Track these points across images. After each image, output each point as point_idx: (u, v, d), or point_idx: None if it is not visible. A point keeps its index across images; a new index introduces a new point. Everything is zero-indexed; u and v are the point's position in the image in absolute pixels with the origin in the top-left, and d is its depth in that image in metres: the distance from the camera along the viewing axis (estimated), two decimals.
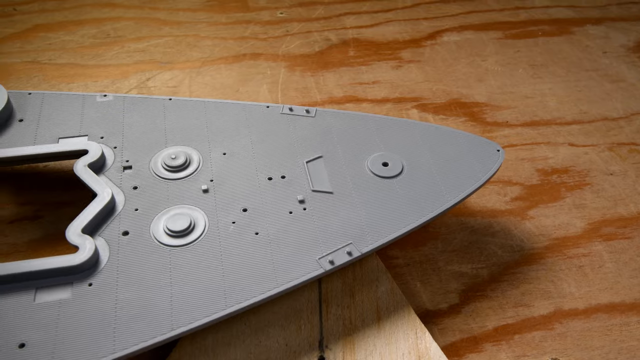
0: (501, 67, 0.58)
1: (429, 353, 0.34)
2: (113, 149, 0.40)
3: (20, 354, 0.29)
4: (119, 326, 0.31)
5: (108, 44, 0.58)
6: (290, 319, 0.35)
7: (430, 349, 0.34)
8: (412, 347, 0.34)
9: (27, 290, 0.32)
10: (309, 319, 0.36)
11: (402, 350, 0.34)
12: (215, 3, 0.65)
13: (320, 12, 0.64)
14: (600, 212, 0.44)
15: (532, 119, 0.52)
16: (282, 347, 0.34)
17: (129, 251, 0.34)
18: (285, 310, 0.36)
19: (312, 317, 0.36)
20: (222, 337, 0.34)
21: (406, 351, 0.34)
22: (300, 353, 0.34)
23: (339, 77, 0.55)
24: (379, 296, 0.37)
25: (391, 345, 0.35)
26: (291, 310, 0.36)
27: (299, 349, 0.34)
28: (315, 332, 0.35)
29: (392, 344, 0.35)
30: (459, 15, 0.65)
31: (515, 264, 0.40)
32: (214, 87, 0.54)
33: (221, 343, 0.34)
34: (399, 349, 0.34)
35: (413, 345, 0.35)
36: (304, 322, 0.35)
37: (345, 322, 0.36)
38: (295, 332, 0.35)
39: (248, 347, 0.34)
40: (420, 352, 0.34)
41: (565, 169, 0.47)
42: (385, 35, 0.61)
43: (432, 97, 0.54)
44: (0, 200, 0.43)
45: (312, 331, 0.35)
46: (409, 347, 0.34)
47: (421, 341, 0.35)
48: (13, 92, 0.44)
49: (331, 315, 0.36)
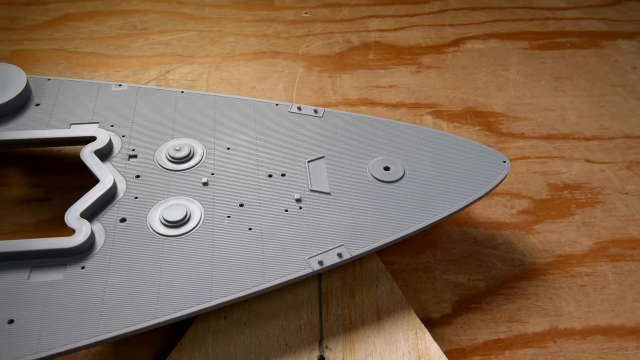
0: (523, 77, 0.57)
1: (429, 353, 0.34)
2: (121, 137, 0.41)
3: (8, 330, 0.30)
4: (105, 310, 0.32)
5: (133, 35, 0.60)
6: (290, 319, 0.35)
7: (430, 349, 0.34)
8: (412, 347, 0.34)
9: (22, 269, 0.33)
10: (309, 319, 0.36)
11: (402, 350, 0.34)
12: (241, 0, 0.66)
13: (345, 13, 0.64)
14: (609, 232, 0.43)
15: (549, 132, 0.51)
16: (282, 347, 0.34)
17: (123, 238, 0.35)
18: (285, 311, 0.36)
19: (312, 317, 0.36)
20: (222, 337, 0.34)
21: (406, 351, 0.34)
22: (300, 353, 0.34)
23: (356, 80, 0.55)
24: (379, 296, 0.37)
25: (391, 345, 0.34)
26: (291, 311, 0.36)
27: (299, 349, 0.34)
28: (315, 332, 0.35)
29: (392, 344, 0.35)
30: (486, 23, 0.64)
31: (514, 279, 0.40)
32: (231, 83, 0.54)
33: (221, 343, 0.34)
34: (399, 349, 0.34)
35: (413, 346, 0.34)
36: (304, 322, 0.36)
37: (345, 322, 0.36)
38: (295, 332, 0.35)
39: (248, 347, 0.34)
40: (420, 352, 0.34)
41: (578, 185, 0.46)
42: (408, 39, 0.61)
43: (448, 104, 0.53)
44: (13, 181, 0.44)
45: (312, 331, 0.35)
46: (409, 347, 0.34)
47: (421, 341, 0.35)
48: (33, 77, 0.46)
49: (331, 315, 0.36)
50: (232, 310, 0.35)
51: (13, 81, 0.44)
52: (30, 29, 0.60)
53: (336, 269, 0.38)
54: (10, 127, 0.41)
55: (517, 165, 0.47)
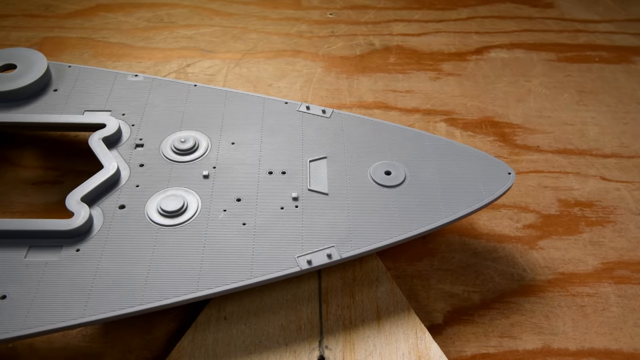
0: (545, 89, 0.55)
1: (429, 353, 0.34)
2: (131, 126, 0.42)
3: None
4: (93, 293, 0.32)
5: (159, 28, 0.61)
6: (290, 319, 0.36)
7: (431, 349, 0.34)
8: (412, 347, 0.34)
9: (20, 247, 0.34)
10: (309, 319, 0.36)
11: (402, 350, 0.34)
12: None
13: (370, 16, 0.64)
14: (617, 253, 0.41)
15: (565, 147, 0.49)
16: (282, 347, 0.34)
17: (120, 224, 0.36)
18: (285, 311, 0.36)
19: (312, 317, 0.36)
20: (222, 337, 0.34)
21: (406, 351, 0.34)
22: (300, 353, 0.34)
23: (373, 83, 0.55)
24: (379, 296, 0.37)
25: (391, 345, 0.34)
26: (291, 311, 0.36)
27: (299, 349, 0.34)
28: (315, 332, 0.35)
29: (392, 344, 0.34)
30: (513, 33, 0.62)
31: (511, 293, 0.39)
32: (248, 80, 0.55)
33: (221, 343, 0.34)
34: (399, 349, 0.34)
35: (413, 346, 0.34)
36: (304, 322, 0.36)
37: (345, 322, 0.36)
38: (295, 332, 0.35)
39: (248, 347, 0.34)
40: (420, 352, 0.34)
41: (590, 202, 0.45)
42: (431, 45, 0.60)
43: (464, 112, 0.52)
44: (28, 163, 0.46)
45: (312, 331, 0.35)
46: (409, 347, 0.34)
47: (421, 341, 0.34)
48: (54, 64, 0.47)
49: (331, 315, 0.36)
50: (232, 311, 0.35)
51: (34, 66, 0.45)
52: (62, 17, 0.62)
53: (336, 269, 0.38)
54: (27, 110, 0.43)
55: (528, 179, 0.46)
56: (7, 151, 0.46)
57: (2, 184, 0.44)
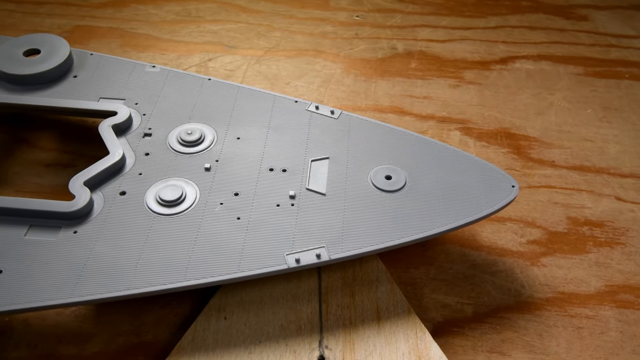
0: (569, 103, 0.54)
1: (429, 353, 0.34)
2: (142, 116, 0.43)
3: None
4: (83, 275, 0.33)
5: (186, 22, 0.62)
6: (290, 319, 0.36)
7: (431, 349, 0.34)
8: (412, 347, 0.34)
9: (22, 225, 0.35)
10: (309, 319, 0.36)
11: (402, 351, 0.34)
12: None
13: (397, 20, 0.64)
14: (624, 276, 0.40)
15: (582, 164, 0.48)
16: (282, 347, 0.34)
17: (118, 210, 0.37)
18: (285, 311, 0.36)
19: (312, 317, 0.36)
20: (222, 337, 0.34)
21: (406, 351, 0.34)
22: (300, 353, 0.34)
23: (391, 87, 0.55)
24: (379, 296, 0.37)
25: (391, 345, 0.34)
26: (291, 311, 0.36)
27: (299, 349, 0.34)
28: (315, 332, 0.35)
29: (392, 344, 0.34)
30: (542, 44, 0.61)
31: (505, 309, 0.38)
32: (267, 77, 0.55)
33: (221, 343, 0.34)
34: (399, 349, 0.34)
35: (413, 346, 0.34)
36: (304, 322, 0.36)
37: (345, 322, 0.36)
38: (295, 332, 0.35)
39: (248, 347, 0.34)
40: (420, 352, 0.34)
41: (601, 222, 0.43)
42: (455, 52, 0.59)
43: (480, 122, 0.51)
44: (45, 145, 0.47)
45: (312, 331, 0.35)
46: (409, 347, 0.34)
47: (421, 341, 0.34)
48: (77, 51, 0.48)
49: (331, 315, 0.36)
50: (232, 311, 0.36)
51: (57, 52, 0.47)
52: (95, 7, 0.63)
53: (336, 269, 0.38)
54: (46, 94, 0.44)
55: (538, 193, 0.45)
56: (26, 132, 0.48)
57: (18, 163, 0.45)
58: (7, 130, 0.48)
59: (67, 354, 0.35)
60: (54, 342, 0.35)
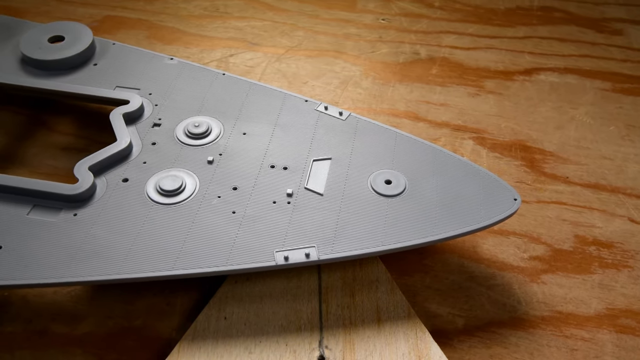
0: (591, 119, 0.52)
1: (429, 353, 0.34)
2: (154, 106, 0.44)
3: None
4: (77, 257, 0.34)
5: (213, 17, 0.63)
6: (290, 319, 0.36)
7: (431, 349, 0.34)
8: (412, 347, 0.34)
9: (26, 205, 0.37)
10: (309, 319, 0.36)
11: (402, 351, 0.34)
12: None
13: (423, 25, 0.63)
14: (627, 300, 0.38)
15: (597, 182, 0.46)
16: (282, 347, 0.34)
17: (119, 196, 0.38)
18: (285, 311, 0.36)
19: (312, 317, 0.36)
20: (222, 337, 0.35)
21: (406, 351, 0.34)
22: (300, 353, 0.34)
23: (409, 92, 0.54)
24: (379, 296, 0.37)
25: (391, 345, 0.34)
26: (291, 311, 0.36)
27: (299, 348, 0.34)
28: (315, 332, 0.35)
29: (392, 344, 0.34)
30: (570, 57, 0.59)
31: (498, 324, 0.37)
32: (285, 75, 0.55)
33: (221, 343, 0.34)
34: (399, 349, 0.34)
35: (413, 346, 0.34)
36: (304, 322, 0.36)
37: (345, 322, 0.36)
38: (295, 332, 0.35)
39: (248, 347, 0.34)
40: (420, 352, 0.34)
41: (610, 243, 0.42)
42: (478, 61, 0.58)
43: (496, 132, 0.50)
44: (63, 129, 0.49)
45: (312, 331, 0.35)
46: (409, 347, 0.34)
47: (421, 341, 0.34)
48: (101, 40, 0.50)
49: (331, 315, 0.36)
50: (232, 311, 0.36)
51: (81, 40, 0.48)
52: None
53: (336, 269, 0.38)
54: (65, 80, 0.46)
55: (547, 209, 0.44)
56: (47, 116, 0.50)
57: (36, 145, 0.47)
58: (30, 113, 0.50)
59: (59, 332, 0.36)
60: (48, 320, 0.36)
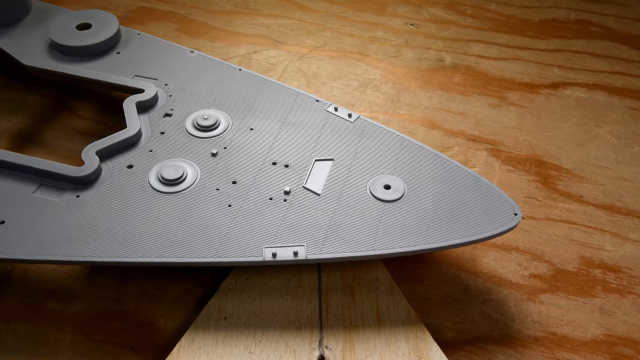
0: (615, 138, 0.50)
1: (429, 353, 0.34)
2: (168, 97, 0.45)
3: None
4: (74, 237, 0.35)
5: (242, 13, 0.64)
6: (290, 319, 0.36)
7: (431, 349, 0.34)
8: (412, 347, 0.34)
9: (33, 183, 0.38)
10: (309, 318, 0.36)
11: (402, 350, 0.34)
12: (357, 0, 0.66)
13: (451, 32, 0.62)
14: (627, 328, 0.37)
15: (612, 203, 0.45)
16: (282, 347, 0.35)
17: (122, 181, 0.39)
18: (285, 311, 0.36)
19: (312, 317, 0.36)
20: (222, 337, 0.35)
21: (406, 351, 0.34)
22: (300, 353, 0.34)
23: (428, 99, 0.53)
24: (379, 296, 0.37)
25: (391, 345, 0.34)
26: (291, 311, 0.36)
27: (299, 348, 0.35)
28: (315, 332, 0.36)
29: (392, 344, 0.34)
30: (602, 73, 0.57)
31: (488, 339, 0.36)
32: (305, 75, 0.56)
33: (221, 343, 0.35)
34: (399, 349, 0.34)
35: (413, 346, 0.34)
36: (304, 322, 0.36)
37: (345, 322, 0.36)
38: (295, 332, 0.35)
39: (248, 347, 0.35)
40: (420, 352, 0.34)
41: (618, 268, 0.40)
42: (504, 71, 0.57)
43: (512, 145, 0.49)
44: (84, 114, 0.50)
45: (312, 331, 0.36)
46: (409, 347, 0.34)
47: (421, 341, 0.34)
48: (127, 30, 0.51)
49: (331, 315, 0.36)
50: (232, 311, 0.36)
51: (106, 28, 0.49)
52: None
53: (336, 269, 0.38)
54: (86, 66, 0.47)
55: (555, 227, 0.43)
56: (70, 100, 0.51)
57: (56, 128, 0.49)
58: (55, 96, 0.52)
59: (52, 308, 0.37)
60: (44, 296, 0.37)
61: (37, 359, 0.35)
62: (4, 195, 0.37)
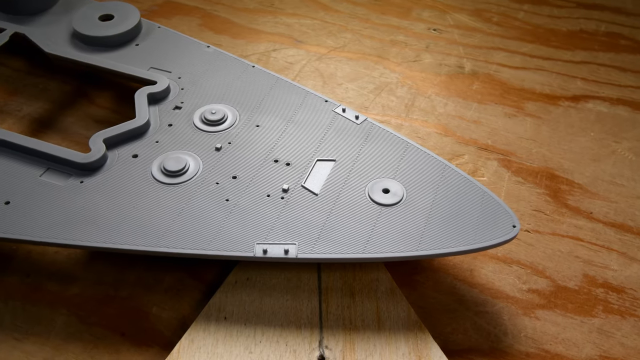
0: (634, 155, 0.49)
1: (429, 353, 0.34)
2: (180, 90, 0.46)
3: (2, 208, 0.36)
4: (77, 221, 0.36)
5: (266, 12, 0.64)
6: (290, 319, 0.36)
7: (431, 350, 0.34)
8: (412, 347, 0.34)
9: (40, 167, 0.39)
10: (309, 319, 0.36)
11: (402, 350, 0.34)
12: (381, 3, 0.66)
13: (475, 39, 0.61)
14: (625, 351, 0.36)
15: (623, 222, 0.43)
16: (282, 347, 0.35)
17: (125, 170, 0.39)
18: (285, 310, 0.37)
19: (312, 317, 0.37)
20: (223, 337, 0.35)
21: (406, 351, 0.34)
22: (300, 353, 0.34)
23: (443, 105, 0.53)
24: (379, 296, 0.37)
25: (391, 345, 0.34)
26: (291, 311, 0.37)
27: (299, 348, 0.35)
28: (315, 332, 0.36)
29: (392, 344, 0.34)
30: (627, 88, 0.56)
31: (477, 352, 0.35)
32: (321, 74, 0.56)
33: (221, 343, 0.35)
34: (399, 349, 0.34)
35: (413, 346, 0.34)
36: (304, 322, 0.36)
37: (345, 322, 0.36)
38: (295, 332, 0.36)
39: (248, 347, 0.35)
40: (420, 352, 0.34)
41: (622, 288, 0.39)
42: (525, 81, 0.56)
43: (525, 157, 0.48)
44: (101, 103, 0.51)
45: (312, 331, 0.36)
46: (409, 347, 0.34)
47: (421, 341, 0.34)
48: (148, 22, 0.52)
49: (331, 315, 0.36)
50: (232, 311, 0.36)
51: (128, 20, 0.50)
52: None
53: (336, 269, 0.38)
54: (106, 56, 0.48)
55: (560, 243, 0.42)
56: (89, 89, 0.52)
57: (73, 115, 0.50)
58: (75, 84, 0.53)
59: (51, 290, 0.38)
60: (44, 278, 0.39)
61: (31, 337, 0.36)
62: (11, 177, 0.38)
